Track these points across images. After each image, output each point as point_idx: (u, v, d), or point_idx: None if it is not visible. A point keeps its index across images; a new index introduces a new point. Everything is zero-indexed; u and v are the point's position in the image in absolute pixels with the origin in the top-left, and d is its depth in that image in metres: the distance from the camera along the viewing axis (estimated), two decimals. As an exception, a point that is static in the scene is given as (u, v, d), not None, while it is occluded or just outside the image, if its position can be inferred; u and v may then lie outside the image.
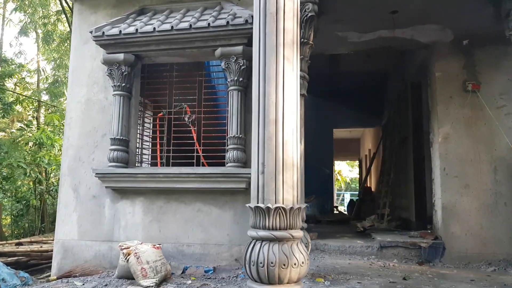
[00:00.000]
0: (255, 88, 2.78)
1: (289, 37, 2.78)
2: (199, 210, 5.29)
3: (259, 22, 2.82)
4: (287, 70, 2.74)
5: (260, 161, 2.67)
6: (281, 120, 2.67)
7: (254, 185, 2.70)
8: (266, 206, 2.57)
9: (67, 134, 5.84)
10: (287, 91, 2.71)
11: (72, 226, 5.59)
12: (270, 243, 2.56)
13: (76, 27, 6.06)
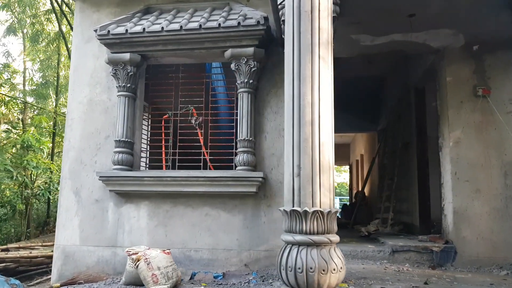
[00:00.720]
0: (288, 88, 2.71)
1: (324, 36, 2.72)
2: (207, 214, 5.17)
3: (292, 21, 2.75)
4: (322, 70, 2.68)
5: (295, 163, 2.59)
6: (317, 121, 2.60)
7: (288, 188, 2.62)
8: (303, 210, 2.49)
9: (68, 135, 5.65)
10: (322, 92, 2.65)
11: (74, 231, 5.39)
12: (308, 248, 2.48)
13: (78, 25, 5.89)
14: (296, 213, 2.52)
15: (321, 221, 2.51)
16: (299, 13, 2.72)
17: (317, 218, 2.50)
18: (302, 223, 2.50)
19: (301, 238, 2.48)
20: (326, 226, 2.52)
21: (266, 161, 5.18)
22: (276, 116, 5.25)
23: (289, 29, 2.77)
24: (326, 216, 2.52)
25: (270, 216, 5.05)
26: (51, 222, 15.44)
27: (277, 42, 5.31)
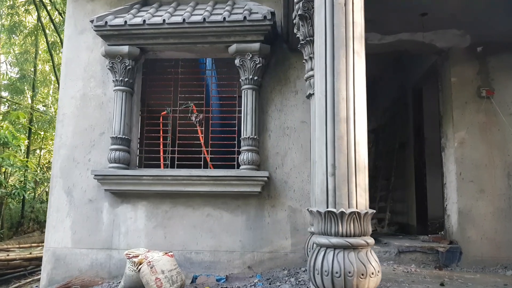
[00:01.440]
0: (321, 84, 2.58)
1: (358, 30, 2.61)
2: (209, 215, 4.99)
3: (324, 14, 2.62)
4: (357, 65, 2.57)
5: (330, 162, 2.46)
6: (352, 118, 2.48)
7: (321, 188, 2.48)
8: (340, 211, 2.37)
9: (59, 132, 5.34)
10: (357, 88, 2.53)
11: (65, 233, 5.10)
12: (345, 251, 2.35)
13: (71, 15, 5.59)
14: (331, 214, 2.39)
15: (358, 223, 2.39)
16: (332, 5, 2.59)
17: (354, 220, 2.38)
18: (338, 225, 2.38)
19: (338, 240, 2.36)
20: (362, 228, 2.41)
21: (270, 160, 5.04)
22: (281, 114, 5.13)
23: (320, 22, 2.63)
24: (362, 218, 2.41)
25: (274, 217, 4.92)
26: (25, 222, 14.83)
27: (282, 39, 5.20)
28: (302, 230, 4.86)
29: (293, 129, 5.07)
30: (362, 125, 2.51)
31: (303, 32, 3.73)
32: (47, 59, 16.12)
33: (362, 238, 2.41)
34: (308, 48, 3.75)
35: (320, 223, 2.46)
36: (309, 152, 4.98)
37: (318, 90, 2.59)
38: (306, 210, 4.86)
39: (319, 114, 2.57)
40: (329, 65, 2.55)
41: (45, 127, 15.38)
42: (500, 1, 3.92)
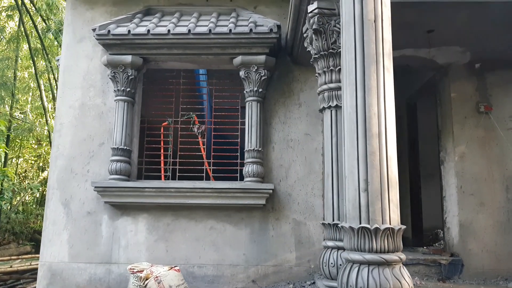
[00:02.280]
0: (350, 98, 2.60)
1: (387, 47, 2.65)
2: (212, 228, 4.91)
3: (354, 30, 2.65)
4: (387, 81, 2.60)
5: (362, 177, 2.46)
6: (384, 134, 2.50)
7: (353, 204, 2.48)
8: (374, 227, 2.37)
9: (56, 142, 5.18)
10: (388, 103, 2.57)
11: (62, 247, 4.92)
12: (379, 267, 2.35)
13: (69, 23, 5.46)
14: (365, 230, 2.39)
15: (392, 239, 2.40)
16: (361, 22, 2.62)
17: (388, 236, 2.39)
18: (372, 241, 2.38)
19: (372, 257, 2.35)
20: (396, 244, 2.41)
21: (274, 172, 5.02)
22: (284, 126, 5.13)
23: (349, 38, 2.66)
24: (396, 233, 2.42)
25: (278, 230, 4.89)
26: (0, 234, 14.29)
27: (285, 52, 5.23)
28: (306, 243, 4.84)
29: (297, 142, 5.07)
30: (392, 141, 2.54)
31: (316, 46, 3.76)
32: (27, 66, 15.75)
33: (396, 254, 2.41)
34: (321, 62, 3.77)
35: (353, 239, 2.45)
36: (313, 165, 5.01)
37: (348, 105, 2.60)
38: (311, 223, 4.86)
39: (349, 129, 2.57)
40: (359, 81, 2.57)
41: (24, 135, 14.96)
42: (501, 21, 4.04)
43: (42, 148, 18.18)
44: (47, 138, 15.20)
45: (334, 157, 3.59)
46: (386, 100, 2.55)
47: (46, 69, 14.07)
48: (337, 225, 3.48)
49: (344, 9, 2.74)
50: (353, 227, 2.43)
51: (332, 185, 3.55)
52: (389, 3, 2.71)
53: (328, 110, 3.70)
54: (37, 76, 12.96)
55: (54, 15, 12.39)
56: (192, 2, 5.47)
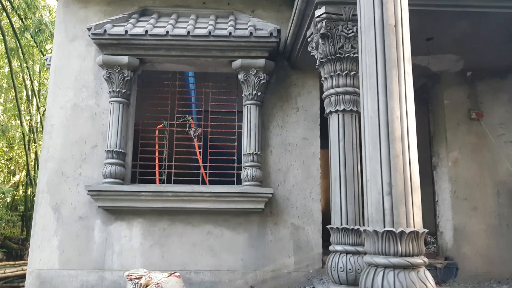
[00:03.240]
0: (371, 102, 2.60)
1: (407, 51, 2.68)
2: (209, 232, 4.83)
3: (374, 34, 2.67)
4: (408, 86, 2.63)
5: (385, 181, 2.47)
6: (406, 137, 2.52)
7: (377, 207, 2.48)
8: (400, 231, 2.37)
9: (46, 144, 4.98)
10: (409, 107, 2.59)
11: (52, 253, 4.72)
12: (405, 270, 2.35)
13: (61, 21, 5.29)
14: (390, 234, 2.38)
15: (416, 242, 2.41)
16: (382, 26, 2.64)
17: (413, 239, 2.39)
18: (397, 245, 2.38)
19: (398, 260, 2.35)
20: (420, 247, 2.43)
21: (272, 176, 4.99)
22: (282, 130, 5.11)
23: (369, 42, 2.67)
24: (420, 237, 2.43)
25: (276, 235, 4.85)
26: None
27: (283, 56, 5.23)
28: (305, 248, 4.82)
29: (295, 146, 5.07)
30: (414, 144, 2.56)
31: (323, 51, 3.77)
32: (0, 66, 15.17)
33: (420, 257, 2.42)
34: (328, 66, 3.78)
35: (377, 243, 2.45)
36: (311, 169, 5.02)
37: (370, 109, 2.61)
38: (309, 228, 4.85)
39: (371, 133, 2.58)
40: (381, 84, 2.58)
41: (-4, 136, 14.40)
42: (497, 31, 4.18)
43: (14, 151, 17.54)
44: (21, 141, 14.68)
45: (341, 161, 3.60)
46: (407, 104, 2.57)
47: (22, 70, 13.62)
48: (346, 229, 3.48)
49: (363, 14, 2.75)
50: (378, 230, 2.42)
51: (340, 189, 3.55)
52: (407, 8, 2.74)
53: (335, 114, 3.71)
54: (12, 77, 12.49)
55: (33, 14, 12.00)
56: (189, 4, 5.41)
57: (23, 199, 16.53)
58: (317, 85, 5.24)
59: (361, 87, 2.74)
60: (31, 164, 13.82)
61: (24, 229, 14.74)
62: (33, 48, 13.86)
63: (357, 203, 3.55)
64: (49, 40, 12.34)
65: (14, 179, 17.85)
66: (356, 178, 3.60)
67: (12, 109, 15.69)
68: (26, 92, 14.40)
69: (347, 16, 3.70)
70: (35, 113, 14.69)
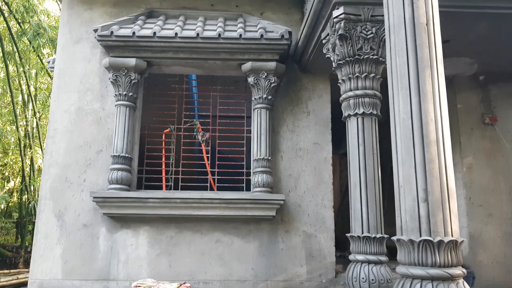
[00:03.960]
0: (404, 104, 2.48)
1: (439, 52, 2.56)
2: (218, 240, 4.67)
3: (405, 33, 2.55)
4: (441, 87, 2.50)
5: (420, 187, 2.33)
6: (441, 141, 2.40)
7: (412, 215, 2.34)
8: (438, 240, 2.24)
9: (49, 148, 4.81)
10: (443, 109, 2.46)
11: (55, 262, 4.53)
12: (444, 282, 2.21)
13: (65, 23, 5.14)
14: (428, 243, 2.25)
15: (454, 252, 2.28)
16: (413, 25, 2.53)
17: (451, 249, 2.26)
18: (435, 255, 2.24)
19: (436, 272, 2.21)
20: (458, 257, 2.30)
21: (283, 182, 4.85)
22: (293, 135, 4.98)
23: (399, 42, 2.55)
24: (458, 246, 2.30)
25: (288, 243, 4.70)
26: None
27: (293, 59, 5.11)
28: (317, 256, 4.67)
29: (306, 151, 4.94)
30: (449, 148, 2.43)
31: (341, 52, 3.65)
32: None
33: (459, 268, 2.30)
34: (346, 68, 3.66)
35: (412, 253, 2.31)
36: (323, 175, 4.88)
37: (401, 111, 2.48)
38: (321, 236, 4.71)
39: (404, 136, 2.45)
40: (413, 86, 2.46)
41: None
42: (512, 34, 4.10)
43: (8, 157, 17.24)
44: (16, 147, 14.42)
45: (362, 166, 3.47)
46: (441, 106, 2.45)
47: (18, 74, 13.41)
48: (368, 238, 3.34)
49: (393, 12, 2.64)
50: (414, 240, 2.29)
51: (361, 195, 3.42)
52: (437, 6, 2.63)
53: (354, 118, 3.59)
54: (9, 81, 12.28)
55: (31, 18, 11.82)
56: (197, 6, 5.28)
57: (17, 206, 16.23)
58: (328, 89, 5.12)
59: (391, 88, 2.61)
60: (27, 170, 13.54)
61: (19, 237, 14.43)
62: (29, 53, 13.65)
63: (378, 210, 3.42)
64: (47, 45, 12.18)
65: (8, 186, 17.54)
66: (377, 183, 3.47)
67: (7, 114, 15.45)
68: (22, 96, 14.18)
69: (366, 17, 3.59)
70: (31, 118, 14.45)
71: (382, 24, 3.63)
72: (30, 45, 12.53)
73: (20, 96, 14.36)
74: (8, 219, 16.33)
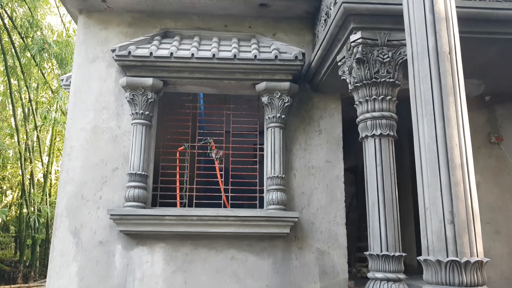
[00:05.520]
0: (429, 129, 2.60)
1: (461, 78, 2.70)
2: (233, 258, 4.72)
3: (429, 61, 2.69)
4: (464, 112, 2.64)
5: (447, 209, 2.44)
6: (466, 165, 2.51)
7: (438, 236, 2.44)
8: (465, 261, 2.33)
9: (65, 166, 4.87)
10: (466, 135, 2.59)
11: (71, 280, 4.55)
12: (470, 302, 2.31)
13: (81, 42, 5.24)
14: (455, 263, 2.35)
15: (480, 272, 2.38)
16: (436, 53, 2.66)
17: (477, 269, 2.36)
18: (462, 275, 2.34)
19: (464, 291, 2.31)
20: (483, 277, 2.39)
21: (296, 200, 4.94)
22: (305, 153, 5.09)
23: (423, 69, 2.69)
24: (483, 266, 2.40)
25: (302, 260, 4.77)
26: None
27: (305, 79, 5.24)
28: (330, 273, 4.74)
29: (318, 169, 5.04)
30: (472, 172, 2.54)
31: (358, 75, 3.78)
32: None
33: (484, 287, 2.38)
34: (363, 91, 3.79)
35: (439, 273, 2.40)
36: (335, 193, 4.98)
37: (426, 136, 2.60)
38: (334, 253, 4.78)
39: (429, 160, 2.56)
40: (438, 111, 2.58)
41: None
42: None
43: (7, 171, 17.17)
44: (17, 160, 14.38)
45: (380, 186, 3.57)
46: (465, 131, 2.57)
47: (19, 89, 13.47)
48: (387, 256, 3.42)
49: (416, 41, 2.77)
50: (441, 260, 2.38)
51: (379, 214, 3.52)
52: (458, 36, 2.77)
53: (371, 139, 3.71)
54: (11, 95, 12.33)
55: (35, 33, 11.92)
56: (211, 26, 5.42)
57: (15, 220, 16.11)
58: (339, 108, 5.25)
59: (415, 113, 2.73)
60: (27, 184, 13.49)
61: (18, 251, 14.31)
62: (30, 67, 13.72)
63: (396, 229, 3.52)
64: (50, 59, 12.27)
65: (7, 199, 17.42)
66: (394, 203, 3.57)
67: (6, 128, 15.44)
68: (23, 110, 14.20)
69: (382, 41, 3.73)
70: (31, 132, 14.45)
71: (398, 49, 3.78)
72: (32, 60, 12.63)
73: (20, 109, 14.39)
74: (5, 233, 16.20)
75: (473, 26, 3.79)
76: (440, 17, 2.73)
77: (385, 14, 3.71)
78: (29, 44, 12.11)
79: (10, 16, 11.83)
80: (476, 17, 3.78)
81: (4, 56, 11.75)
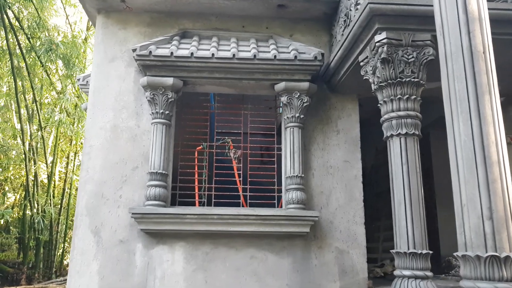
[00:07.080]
0: (465, 127, 2.64)
1: (495, 77, 2.75)
2: (253, 257, 4.75)
3: (463, 61, 2.73)
4: (499, 111, 2.68)
5: (485, 205, 2.48)
6: (502, 162, 2.56)
7: (477, 232, 2.48)
8: (504, 256, 2.37)
9: (85, 165, 4.88)
10: (502, 132, 2.63)
11: (91, 278, 4.56)
12: (511, 297, 2.35)
13: (100, 42, 5.27)
14: (494, 259, 2.38)
15: (518, 267, 2.41)
16: (470, 53, 2.71)
17: (516, 264, 2.40)
18: (502, 270, 2.37)
19: (504, 286, 2.35)
20: (522, 272, 2.43)
21: (315, 199, 4.97)
22: (323, 152, 5.12)
23: (458, 69, 2.73)
24: (521, 261, 2.43)
25: (321, 259, 4.79)
26: None
27: (322, 79, 5.28)
28: (350, 272, 4.77)
29: (337, 168, 5.07)
30: (508, 169, 2.58)
31: (383, 75, 3.82)
32: (0, 85, 14.94)
33: (522, 281, 2.42)
34: (387, 90, 3.83)
35: (478, 268, 2.43)
36: (353, 192, 5.01)
37: (462, 133, 2.64)
38: (353, 252, 4.81)
39: (466, 157, 2.60)
40: (473, 110, 2.62)
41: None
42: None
43: (9, 172, 17.11)
44: (22, 161, 14.34)
45: (406, 184, 3.61)
46: (500, 129, 2.61)
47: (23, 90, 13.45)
48: (414, 254, 3.46)
49: (449, 41, 2.82)
50: (480, 255, 2.41)
51: (406, 212, 3.55)
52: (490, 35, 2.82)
53: (396, 138, 3.74)
54: (17, 96, 12.32)
55: (41, 33, 11.93)
56: (229, 27, 5.45)
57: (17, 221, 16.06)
58: (356, 109, 5.29)
59: (449, 111, 2.78)
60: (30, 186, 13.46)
61: (21, 253, 14.25)
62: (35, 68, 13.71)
63: (423, 227, 3.55)
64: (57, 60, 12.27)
65: (9, 201, 17.37)
66: (421, 201, 3.61)
67: (9, 129, 15.42)
68: (27, 110, 14.18)
69: (407, 42, 3.78)
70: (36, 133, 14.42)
71: (422, 49, 3.82)
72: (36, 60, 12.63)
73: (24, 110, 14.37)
74: (7, 234, 16.13)
75: (493, 27, 3.83)
76: (474, 17, 2.78)
77: (410, 15, 3.76)
78: (35, 45, 12.12)
79: (17, 16, 11.84)
80: (498, 18, 3.83)
81: (10, 57, 11.75)
